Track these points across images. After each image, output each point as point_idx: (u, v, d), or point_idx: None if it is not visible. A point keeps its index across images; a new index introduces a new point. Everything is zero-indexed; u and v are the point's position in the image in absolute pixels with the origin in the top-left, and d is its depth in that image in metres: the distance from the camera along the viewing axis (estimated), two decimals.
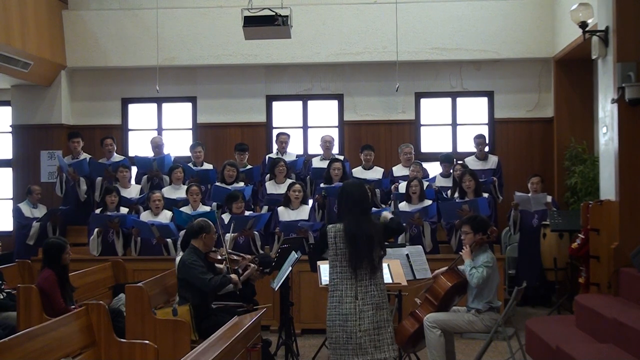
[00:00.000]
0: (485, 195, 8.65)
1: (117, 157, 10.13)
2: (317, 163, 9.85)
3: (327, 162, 9.44)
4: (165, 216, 8.72)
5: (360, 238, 4.82)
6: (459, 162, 9.52)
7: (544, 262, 9.02)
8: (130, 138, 11.40)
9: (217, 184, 9.18)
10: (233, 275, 6.25)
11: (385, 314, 4.86)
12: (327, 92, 11.13)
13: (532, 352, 6.63)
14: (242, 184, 9.25)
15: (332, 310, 4.87)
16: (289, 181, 9.11)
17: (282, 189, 9.03)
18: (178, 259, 6.87)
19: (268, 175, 9.62)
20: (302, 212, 8.64)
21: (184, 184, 9.35)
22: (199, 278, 6.03)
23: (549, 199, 9.13)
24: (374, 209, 8.42)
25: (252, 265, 6.53)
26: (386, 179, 9.59)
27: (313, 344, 7.41)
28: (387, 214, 5.26)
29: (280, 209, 8.69)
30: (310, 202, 9.23)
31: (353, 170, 9.78)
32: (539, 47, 10.45)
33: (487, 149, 9.99)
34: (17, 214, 9.70)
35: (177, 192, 9.30)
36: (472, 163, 9.65)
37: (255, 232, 8.43)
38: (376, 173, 9.69)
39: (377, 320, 4.80)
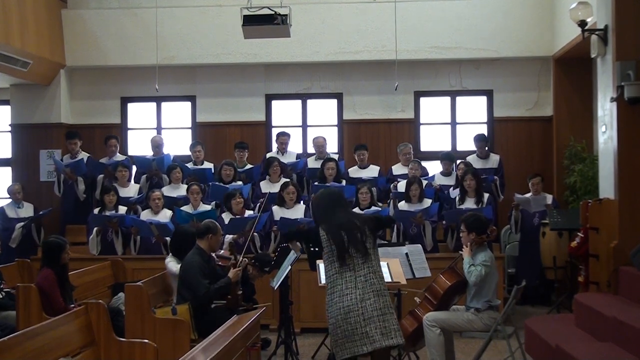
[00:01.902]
0: (486, 195, 8.64)
1: (119, 157, 10.11)
2: (312, 163, 9.85)
3: (321, 161, 9.45)
4: (165, 215, 8.72)
5: (341, 230, 4.79)
6: (462, 161, 9.51)
7: (544, 260, 9.03)
8: (130, 137, 11.39)
9: (216, 182, 9.18)
10: (231, 272, 6.25)
11: (388, 300, 4.79)
12: (326, 91, 11.13)
13: (531, 351, 6.63)
14: (240, 183, 9.25)
15: (332, 307, 4.77)
16: (282, 180, 9.10)
17: (276, 187, 9.01)
18: (168, 260, 6.87)
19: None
20: (297, 212, 8.63)
21: (182, 183, 9.36)
22: (196, 283, 6.07)
23: (550, 199, 9.13)
24: (373, 207, 8.43)
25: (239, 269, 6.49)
26: (382, 177, 9.58)
27: (312, 342, 7.41)
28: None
29: (275, 208, 8.69)
30: (302, 201, 9.21)
31: (349, 169, 9.79)
32: (538, 45, 10.45)
33: (487, 147, 9.99)
34: (1, 216, 9.52)
35: (176, 190, 9.30)
36: (474, 162, 9.65)
37: (255, 234, 8.42)
38: (372, 172, 9.68)
39: (381, 307, 4.71)
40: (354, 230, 4.82)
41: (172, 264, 6.78)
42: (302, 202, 9.03)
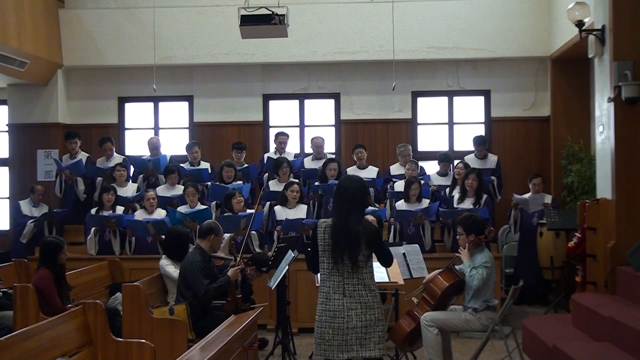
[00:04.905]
0: (485, 196, 8.63)
1: (117, 158, 10.09)
2: (308, 163, 9.84)
3: (319, 161, 9.47)
4: (159, 214, 8.72)
5: (345, 233, 4.64)
6: (460, 161, 9.51)
7: (541, 260, 9.04)
8: (127, 137, 11.38)
9: (216, 182, 9.17)
10: (230, 271, 6.25)
11: (377, 314, 4.69)
12: (323, 91, 11.13)
13: (529, 351, 6.64)
14: (240, 182, 9.25)
15: (320, 306, 4.73)
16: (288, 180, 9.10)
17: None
18: (164, 262, 6.85)
19: (267, 174, 9.63)
20: (300, 211, 8.62)
21: (178, 184, 9.35)
22: (197, 283, 6.09)
23: (548, 199, 9.13)
24: (370, 208, 8.42)
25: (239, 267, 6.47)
26: (380, 178, 9.57)
27: (310, 342, 7.40)
28: (373, 219, 5.21)
29: (277, 208, 8.67)
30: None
31: (347, 169, 9.76)
32: (536, 45, 10.46)
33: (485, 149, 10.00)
34: (15, 210, 9.71)
35: (171, 190, 9.29)
36: (472, 162, 9.64)
37: (253, 232, 8.41)
38: (370, 172, 9.65)
39: (366, 320, 4.63)
40: (351, 237, 4.63)
41: (170, 268, 6.77)
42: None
